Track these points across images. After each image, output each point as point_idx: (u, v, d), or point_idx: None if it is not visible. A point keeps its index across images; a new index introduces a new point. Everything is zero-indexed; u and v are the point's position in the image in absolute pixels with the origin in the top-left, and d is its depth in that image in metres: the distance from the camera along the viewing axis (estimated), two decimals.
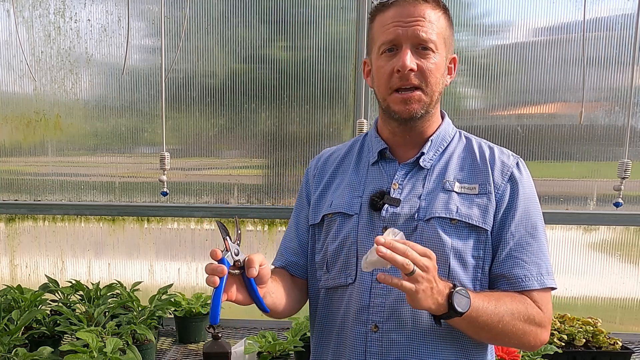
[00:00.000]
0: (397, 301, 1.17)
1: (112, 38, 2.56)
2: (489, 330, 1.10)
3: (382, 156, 1.28)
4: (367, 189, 1.25)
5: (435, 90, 1.18)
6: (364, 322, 1.19)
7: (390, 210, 1.20)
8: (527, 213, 1.19)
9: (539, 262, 1.18)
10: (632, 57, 2.27)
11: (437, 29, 1.16)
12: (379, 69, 1.19)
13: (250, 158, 2.65)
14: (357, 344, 1.20)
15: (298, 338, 2.13)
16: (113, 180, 2.69)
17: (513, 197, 1.19)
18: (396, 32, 1.15)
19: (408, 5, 1.15)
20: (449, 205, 1.18)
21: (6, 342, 1.93)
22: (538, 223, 1.20)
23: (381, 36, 1.18)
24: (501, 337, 1.14)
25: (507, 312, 1.11)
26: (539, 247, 1.18)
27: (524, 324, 1.13)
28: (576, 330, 2.17)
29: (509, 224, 1.18)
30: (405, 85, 1.16)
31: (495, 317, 1.09)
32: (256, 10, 2.49)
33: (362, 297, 1.19)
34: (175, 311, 2.45)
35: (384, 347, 1.17)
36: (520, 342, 1.16)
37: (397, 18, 1.15)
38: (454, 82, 2.47)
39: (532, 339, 1.16)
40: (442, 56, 1.18)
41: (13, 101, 2.66)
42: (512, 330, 1.12)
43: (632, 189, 2.41)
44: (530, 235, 1.18)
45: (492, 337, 1.14)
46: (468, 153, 1.26)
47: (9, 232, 2.78)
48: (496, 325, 1.10)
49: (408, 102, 1.17)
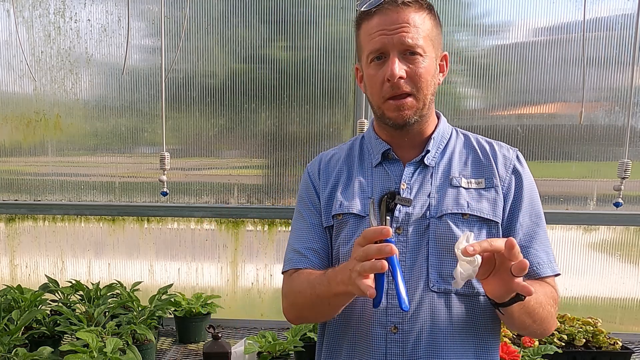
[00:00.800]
0: (414, 301, 1.17)
1: (112, 38, 2.56)
2: (533, 315, 1.12)
3: (386, 157, 1.28)
4: (375, 191, 1.25)
5: (427, 94, 1.19)
6: (383, 324, 1.18)
7: (403, 210, 1.20)
8: (532, 203, 1.23)
9: (547, 250, 1.22)
10: (632, 57, 2.27)
11: (423, 32, 1.16)
12: (370, 78, 1.20)
13: (250, 158, 2.65)
14: (377, 345, 1.19)
15: (298, 338, 2.13)
16: (113, 180, 2.69)
17: (518, 188, 1.23)
18: (382, 41, 1.15)
19: (391, 12, 1.15)
20: (459, 200, 1.20)
21: (6, 342, 1.93)
22: (541, 212, 1.25)
23: (368, 45, 1.19)
24: (539, 322, 1.15)
25: (543, 296, 1.14)
26: (544, 236, 1.23)
27: (552, 307, 1.17)
28: (576, 330, 2.17)
29: (517, 215, 1.21)
30: (397, 94, 1.17)
31: (538, 301, 1.12)
32: (256, 10, 2.49)
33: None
34: (175, 311, 2.44)
35: (404, 349, 1.17)
36: (547, 327, 1.18)
37: (382, 26, 1.15)
38: (454, 82, 2.48)
39: (553, 322, 1.19)
40: (431, 58, 1.18)
41: (13, 101, 2.66)
42: (547, 315, 1.15)
43: (632, 189, 2.41)
44: (536, 225, 1.22)
45: (531, 322, 1.14)
46: (469, 149, 1.28)
47: (9, 232, 2.78)
48: (539, 309, 1.12)
49: (401, 109, 1.18)
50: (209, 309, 2.46)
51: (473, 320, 1.19)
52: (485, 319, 1.20)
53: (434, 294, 1.17)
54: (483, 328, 1.20)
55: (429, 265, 1.17)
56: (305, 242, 1.30)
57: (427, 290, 1.17)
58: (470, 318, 1.19)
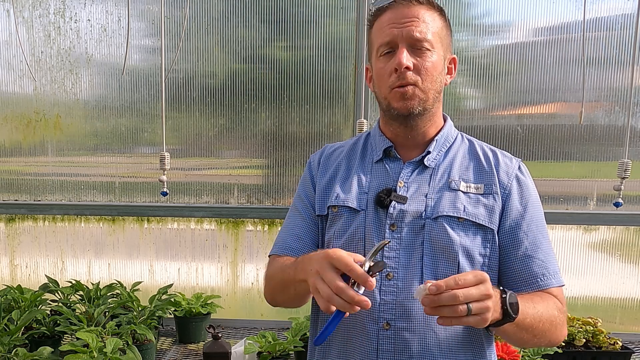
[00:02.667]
0: (407, 299, 1.17)
1: (112, 38, 2.56)
2: (532, 330, 1.11)
3: (387, 154, 1.30)
4: (373, 186, 1.26)
5: (431, 88, 1.20)
6: (375, 320, 1.19)
7: (398, 207, 1.21)
8: (536, 213, 1.23)
9: (552, 261, 1.21)
10: (632, 57, 2.27)
11: (433, 28, 1.19)
12: (379, 70, 1.23)
13: (250, 158, 2.65)
14: (369, 341, 1.19)
15: (298, 338, 2.13)
16: (113, 180, 2.69)
17: (521, 197, 1.23)
18: (392, 33, 1.18)
19: (402, 8, 1.19)
20: (456, 204, 1.20)
21: (6, 342, 1.93)
22: (544, 222, 1.24)
23: (378, 39, 1.22)
24: (540, 336, 1.14)
25: (544, 310, 1.13)
26: (548, 246, 1.22)
27: (557, 317, 1.15)
28: (576, 330, 2.17)
29: (520, 224, 1.21)
30: (403, 84, 1.19)
31: (536, 316, 1.11)
32: (256, 10, 2.49)
33: (373, 295, 1.19)
34: (175, 311, 2.45)
35: (396, 345, 1.18)
36: (553, 338, 1.18)
37: (393, 20, 1.19)
38: (454, 82, 2.47)
39: (559, 333, 1.18)
40: (439, 55, 1.20)
41: (13, 101, 2.66)
42: (549, 327, 1.14)
43: (632, 189, 2.41)
44: (541, 235, 1.22)
45: (531, 337, 1.14)
46: (472, 155, 1.29)
47: (9, 232, 2.78)
48: (538, 324, 1.11)
49: (406, 97, 1.19)
50: (209, 309, 2.46)
51: None
52: None
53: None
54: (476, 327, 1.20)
55: (423, 265, 1.18)
56: (294, 229, 1.34)
57: None
58: None
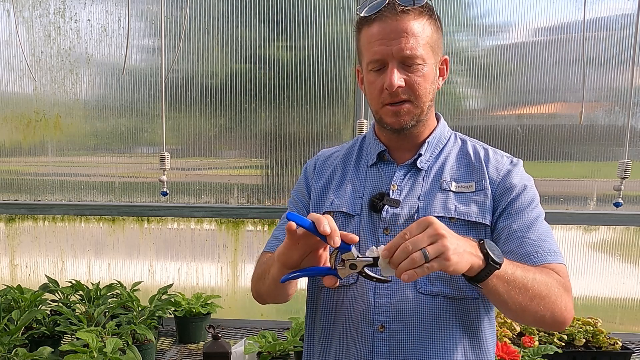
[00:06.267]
0: (402, 301, 1.17)
1: (112, 38, 2.56)
2: (526, 291, 1.04)
3: (381, 158, 1.30)
4: (367, 191, 1.27)
5: (425, 101, 1.20)
6: (370, 323, 1.19)
7: (391, 211, 1.21)
8: (526, 199, 1.20)
9: (548, 240, 1.18)
10: (632, 57, 2.27)
11: (422, 39, 1.16)
12: (370, 84, 1.22)
13: (250, 158, 2.65)
14: (364, 344, 1.19)
15: (298, 338, 2.13)
16: (113, 180, 2.69)
17: (511, 187, 1.21)
18: (381, 52, 1.16)
19: (390, 21, 1.14)
20: (447, 204, 1.20)
21: (6, 342, 1.93)
22: (539, 209, 1.22)
23: (368, 54, 1.19)
24: (538, 300, 1.06)
25: (539, 275, 1.07)
26: (542, 227, 1.19)
27: (557, 288, 1.09)
28: (576, 330, 2.17)
29: (510, 212, 1.19)
30: (395, 101, 1.18)
31: (529, 275, 1.05)
32: (256, 10, 2.49)
33: (367, 297, 1.19)
34: (175, 311, 2.45)
35: (391, 347, 1.18)
36: (556, 309, 1.09)
37: (382, 36, 1.15)
38: (454, 82, 2.48)
39: (563, 305, 1.10)
40: (430, 65, 1.19)
41: (13, 101, 2.66)
42: (548, 293, 1.07)
43: (632, 189, 2.41)
44: (533, 218, 1.19)
45: (528, 301, 1.05)
46: (463, 154, 1.29)
47: (9, 232, 2.78)
48: (532, 284, 1.05)
49: (399, 115, 1.19)
50: (209, 309, 2.46)
51: (461, 321, 1.19)
52: (474, 321, 1.20)
53: (422, 296, 1.17)
54: (472, 329, 1.20)
55: None
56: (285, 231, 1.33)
57: (415, 292, 1.17)
58: (458, 320, 1.19)
